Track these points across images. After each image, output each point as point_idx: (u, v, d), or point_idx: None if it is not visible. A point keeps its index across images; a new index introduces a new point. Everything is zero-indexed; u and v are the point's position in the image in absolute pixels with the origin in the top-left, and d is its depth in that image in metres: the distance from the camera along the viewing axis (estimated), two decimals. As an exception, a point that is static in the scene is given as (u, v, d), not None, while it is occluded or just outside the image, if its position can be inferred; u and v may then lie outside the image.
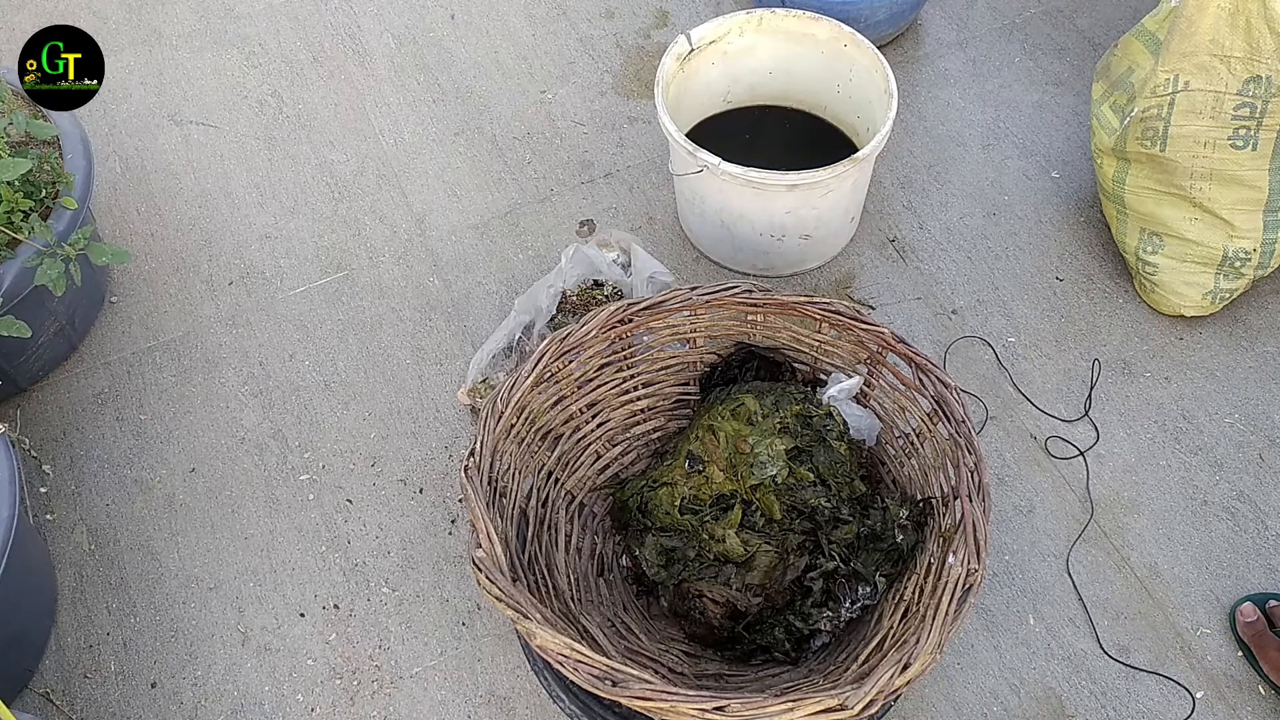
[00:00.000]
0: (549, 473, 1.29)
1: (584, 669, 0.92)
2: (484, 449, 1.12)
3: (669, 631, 1.26)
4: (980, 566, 1.01)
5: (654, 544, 1.26)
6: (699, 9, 2.02)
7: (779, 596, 1.22)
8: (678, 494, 1.26)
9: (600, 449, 1.35)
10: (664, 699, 0.90)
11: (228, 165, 1.83)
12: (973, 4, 2.00)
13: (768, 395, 1.26)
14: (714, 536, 1.23)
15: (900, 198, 1.74)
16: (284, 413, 1.55)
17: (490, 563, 1.00)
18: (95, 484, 1.49)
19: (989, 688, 1.29)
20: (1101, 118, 1.53)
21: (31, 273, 1.34)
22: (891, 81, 1.51)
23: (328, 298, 1.67)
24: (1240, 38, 1.32)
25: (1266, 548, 1.38)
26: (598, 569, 1.30)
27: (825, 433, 1.24)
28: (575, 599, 1.21)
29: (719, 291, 1.25)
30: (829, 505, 1.21)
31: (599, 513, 1.34)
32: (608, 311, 1.23)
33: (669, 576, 1.25)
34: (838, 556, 1.19)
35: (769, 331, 1.31)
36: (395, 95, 1.92)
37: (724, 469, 1.25)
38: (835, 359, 1.30)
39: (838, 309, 1.22)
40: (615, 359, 1.31)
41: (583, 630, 1.15)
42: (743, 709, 0.90)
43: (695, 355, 1.35)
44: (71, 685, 1.33)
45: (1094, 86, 1.56)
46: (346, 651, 1.35)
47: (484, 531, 1.02)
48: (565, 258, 1.52)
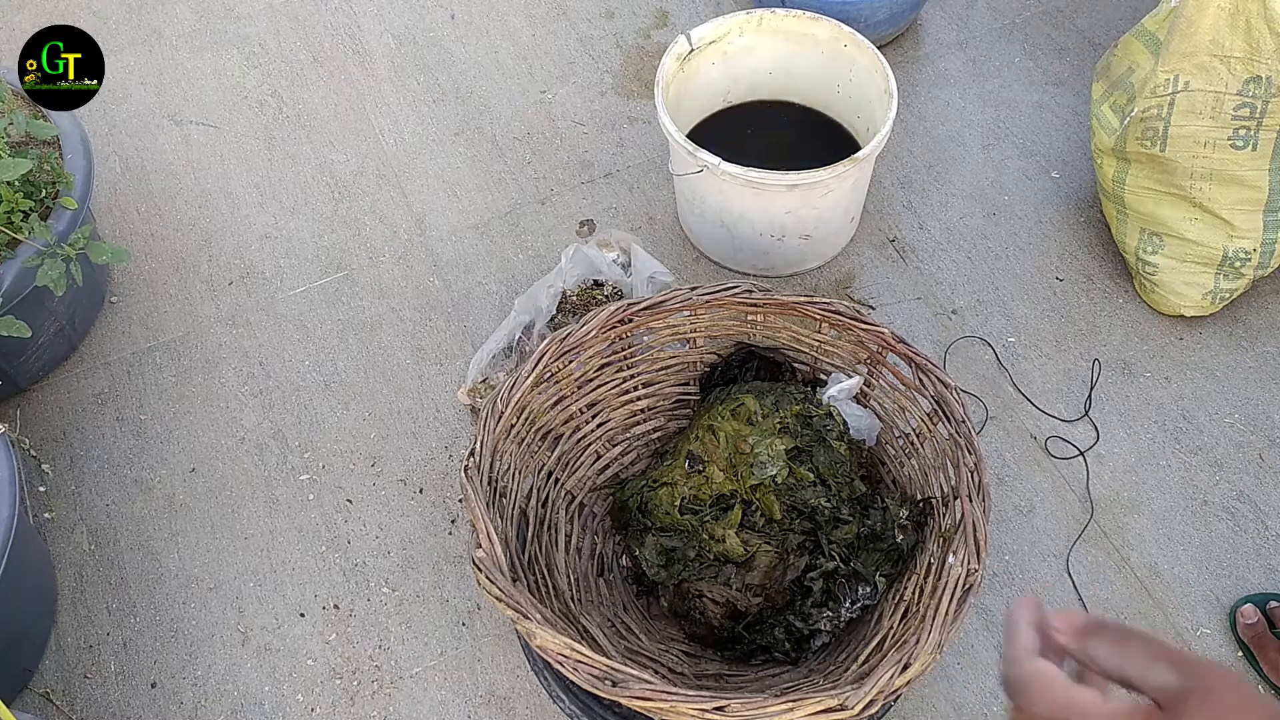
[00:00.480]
0: (549, 473, 1.29)
1: (584, 669, 0.92)
2: (484, 449, 1.12)
3: (669, 632, 1.26)
4: (980, 566, 1.01)
5: (654, 544, 1.26)
6: (699, 9, 2.02)
7: (779, 596, 1.22)
8: (678, 494, 1.26)
9: (600, 449, 1.36)
10: (664, 699, 0.90)
11: (228, 165, 1.83)
12: (973, 4, 2.00)
13: (768, 395, 1.26)
14: (714, 536, 1.23)
15: (900, 198, 1.74)
16: (284, 413, 1.55)
17: (490, 563, 1.00)
18: (95, 484, 1.49)
19: (989, 688, 1.29)
20: (1101, 118, 1.53)
21: (32, 273, 1.34)
22: (891, 81, 1.51)
23: (328, 298, 1.67)
24: (1240, 38, 1.32)
25: (1266, 548, 1.38)
26: (598, 569, 1.30)
27: (825, 433, 1.24)
28: (575, 599, 1.21)
29: (719, 291, 1.25)
30: (829, 505, 1.21)
31: (599, 513, 1.34)
32: (608, 311, 1.23)
33: (669, 576, 1.25)
34: (838, 556, 1.19)
35: (769, 331, 1.32)
36: (395, 95, 1.92)
37: (724, 469, 1.25)
38: (835, 359, 1.30)
39: (838, 309, 1.22)
40: (615, 359, 1.31)
41: (583, 630, 1.15)
42: (743, 709, 0.90)
43: (695, 355, 1.35)
44: (71, 685, 1.33)
45: (1094, 86, 1.56)
46: (346, 651, 1.35)
47: (484, 531, 1.02)
48: (565, 258, 1.52)
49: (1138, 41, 1.46)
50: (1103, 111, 1.53)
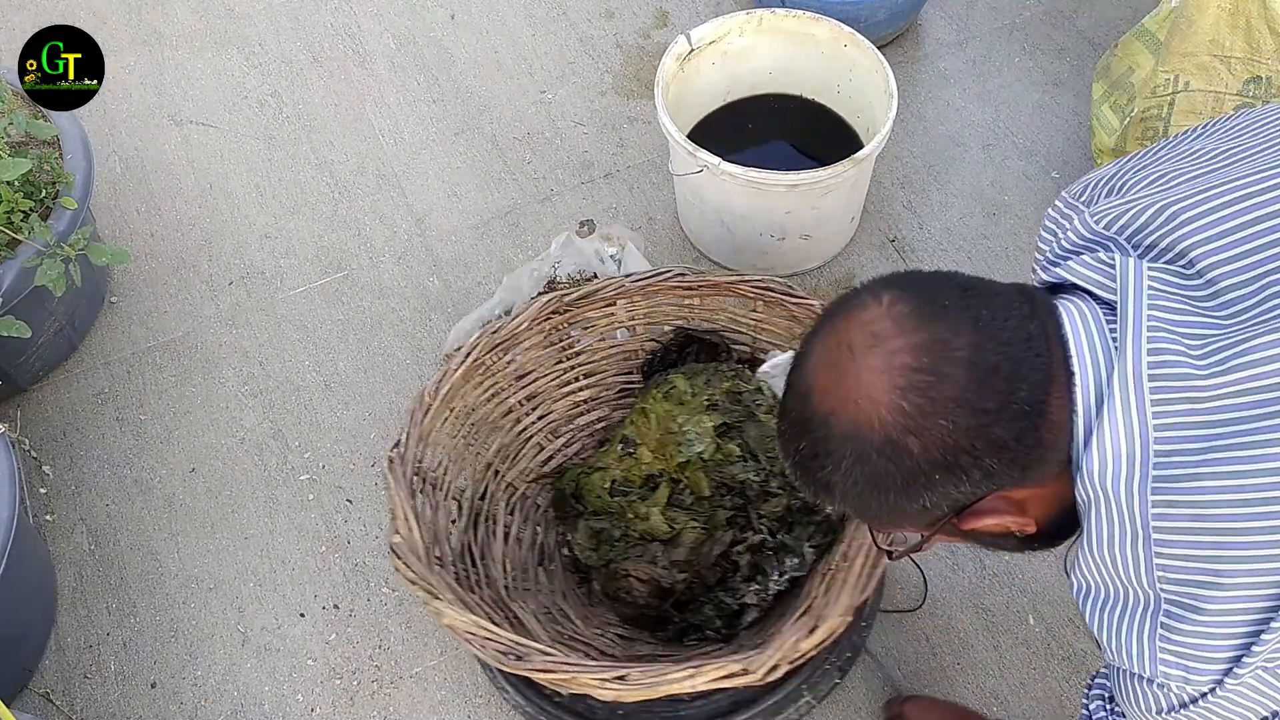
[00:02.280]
0: (488, 464, 1.29)
1: (490, 645, 0.95)
2: (409, 441, 1.12)
3: (606, 617, 1.27)
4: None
5: (585, 528, 1.27)
6: (699, 9, 2.02)
7: (708, 573, 1.22)
8: (609, 477, 1.27)
9: (543, 441, 1.35)
10: (566, 670, 0.92)
11: (227, 165, 1.83)
12: (973, 4, 2.00)
13: (699, 375, 1.27)
14: (639, 515, 1.24)
15: (900, 198, 1.74)
16: (284, 413, 1.55)
17: (406, 548, 1.01)
18: (95, 484, 1.49)
19: (989, 688, 1.29)
20: (1102, 118, 1.53)
21: (31, 273, 1.34)
22: (891, 82, 1.51)
23: (327, 298, 1.67)
24: (1240, 38, 1.32)
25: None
26: (538, 559, 1.30)
27: (755, 408, 1.24)
28: (509, 588, 1.22)
29: (652, 277, 1.25)
30: (758, 479, 1.21)
31: (542, 504, 1.35)
32: (540, 303, 1.23)
33: (598, 558, 1.26)
34: (765, 530, 1.20)
35: (707, 314, 1.32)
36: (395, 95, 1.92)
37: (653, 449, 1.25)
38: (772, 336, 1.31)
39: (769, 286, 1.23)
40: (553, 350, 1.31)
41: (513, 616, 1.16)
42: (642, 676, 0.91)
43: (637, 344, 1.35)
44: (71, 685, 1.33)
45: (1094, 86, 1.56)
46: (346, 651, 1.35)
47: (402, 518, 1.03)
48: (556, 244, 1.54)
49: (1138, 41, 1.46)
50: (1103, 111, 1.53)
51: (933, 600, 1.35)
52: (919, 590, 1.35)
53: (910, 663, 1.31)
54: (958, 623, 1.34)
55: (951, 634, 1.33)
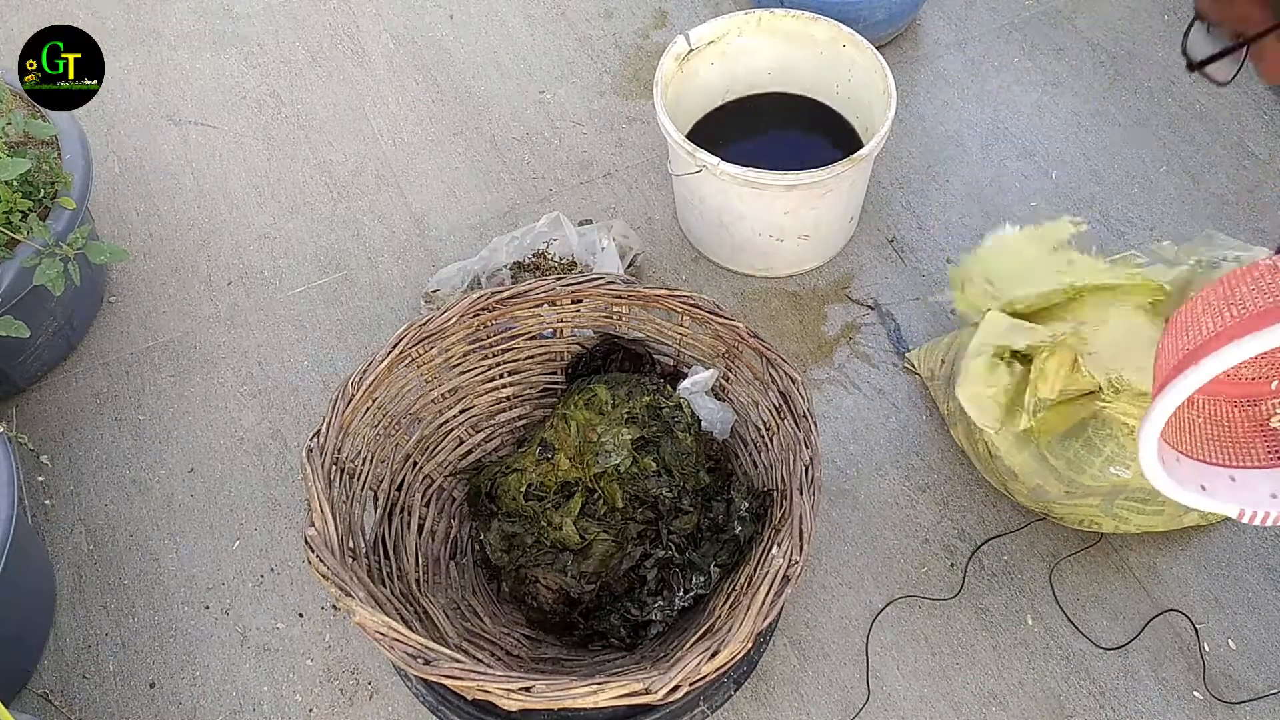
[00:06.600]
0: (407, 456, 1.29)
1: (399, 647, 0.94)
2: (330, 430, 1.12)
3: (514, 616, 1.27)
4: (802, 559, 1.00)
5: (498, 529, 1.27)
6: (698, 9, 2.02)
7: (617, 584, 1.23)
8: (525, 480, 1.27)
9: (463, 435, 1.36)
10: (472, 678, 0.91)
11: (226, 165, 1.83)
12: (972, 4, 2.00)
13: (621, 386, 1.27)
14: (552, 524, 1.24)
15: (899, 198, 1.74)
16: (283, 413, 1.55)
17: (320, 542, 1.01)
18: (94, 484, 1.49)
19: (989, 688, 1.29)
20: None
21: (30, 273, 1.34)
22: (890, 82, 1.51)
23: (326, 298, 1.67)
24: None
25: (1265, 548, 1.38)
26: (450, 552, 1.31)
27: (673, 424, 1.25)
28: (420, 581, 1.22)
29: (583, 283, 1.25)
30: (670, 495, 1.22)
31: (458, 497, 1.35)
32: (469, 299, 1.23)
33: (509, 562, 1.26)
34: (674, 546, 1.21)
35: (635, 323, 1.33)
36: (394, 95, 1.92)
37: (571, 456, 1.26)
38: (696, 352, 1.32)
39: (697, 303, 1.23)
40: (479, 346, 1.31)
41: (422, 611, 1.16)
42: (548, 689, 0.91)
43: (563, 345, 1.36)
44: (70, 685, 1.33)
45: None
46: (345, 652, 1.35)
47: (318, 511, 1.03)
48: (545, 219, 1.56)
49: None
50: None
51: (933, 600, 1.35)
52: (952, 582, 1.35)
53: (910, 662, 1.31)
54: (958, 623, 1.34)
55: (951, 634, 1.33)
